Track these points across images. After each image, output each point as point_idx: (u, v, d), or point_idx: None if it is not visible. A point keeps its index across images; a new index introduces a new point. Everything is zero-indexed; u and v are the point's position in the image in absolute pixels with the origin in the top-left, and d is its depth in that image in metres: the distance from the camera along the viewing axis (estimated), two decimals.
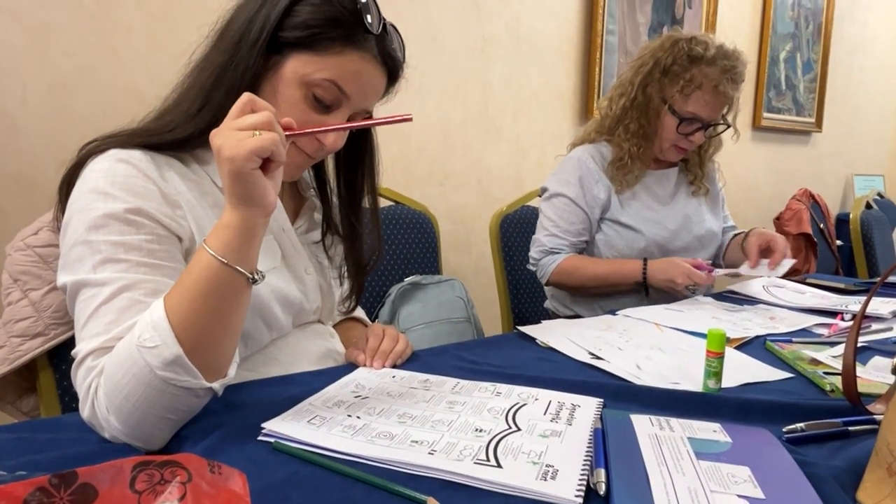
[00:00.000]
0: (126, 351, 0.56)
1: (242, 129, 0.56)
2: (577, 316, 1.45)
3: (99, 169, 0.66)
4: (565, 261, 1.39)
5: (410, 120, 0.64)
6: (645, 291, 1.35)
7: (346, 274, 0.90)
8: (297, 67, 0.70)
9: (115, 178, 0.65)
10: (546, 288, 1.59)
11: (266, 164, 0.58)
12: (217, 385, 0.59)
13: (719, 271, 1.28)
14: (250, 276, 0.59)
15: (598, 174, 1.41)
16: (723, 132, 1.42)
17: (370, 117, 0.82)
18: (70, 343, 0.75)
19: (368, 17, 0.70)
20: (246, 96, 0.59)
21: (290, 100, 0.71)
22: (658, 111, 1.35)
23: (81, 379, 0.59)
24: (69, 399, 0.86)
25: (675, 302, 1.27)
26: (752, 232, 1.37)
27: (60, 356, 0.84)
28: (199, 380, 0.57)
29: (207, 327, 0.57)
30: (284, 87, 0.70)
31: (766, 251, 1.31)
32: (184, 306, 0.56)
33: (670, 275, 1.27)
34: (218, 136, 0.57)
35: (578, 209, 1.40)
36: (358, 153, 0.85)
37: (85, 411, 0.58)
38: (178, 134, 0.70)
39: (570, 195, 1.40)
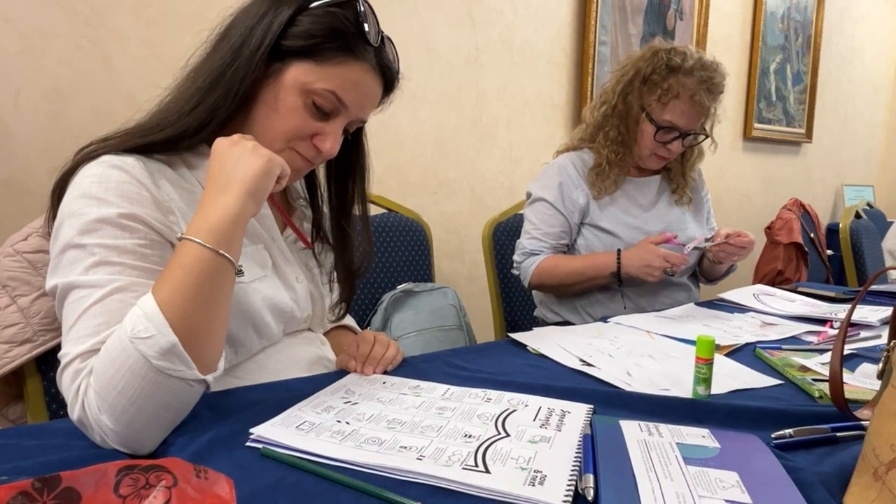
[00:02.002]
0: (118, 346, 0.56)
1: None
2: (565, 320, 1.46)
3: (92, 174, 0.66)
4: (544, 261, 1.41)
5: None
6: (618, 282, 1.35)
7: (336, 279, 0.90)
8: (298, 75, 0.71)
9: (109, 183, 0.65)
10: (534, 295, 1.60)
11: None
12: (210, 378, 0.59)
13: (689, 246, 1.31)
14: (239, 266, 0.64)
15: (577, 180, 1.44)
16: (701, 142, 1.44)
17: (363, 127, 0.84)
18: (59, 349, 0.75)
19: (368, 28, 0.71)
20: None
21: (290, 106, 0.72)
22: (637, 119, 1.38)
23: (69, 381, 0.58)
24: (56, 406, 0.85)
25: (667, 310, 1.28)
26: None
27: (49, 363, 0.83)
28: (192, 370, 0.57)
29: (201, 317, 0.58)
30: (285, 93, 0.72)
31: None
32: (177, 297, 0.57)
33: (645, 260, 1.28)
34: (247, 140, 0.67)
35: (558, 213, 1.43)
36: (349, 161, 0.86)
37: (74, 413, 0.57)
38: (169, 133, 0.70)
39: (550, 200, 1.43)
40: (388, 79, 0.78)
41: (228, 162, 0.64)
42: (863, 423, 0.64)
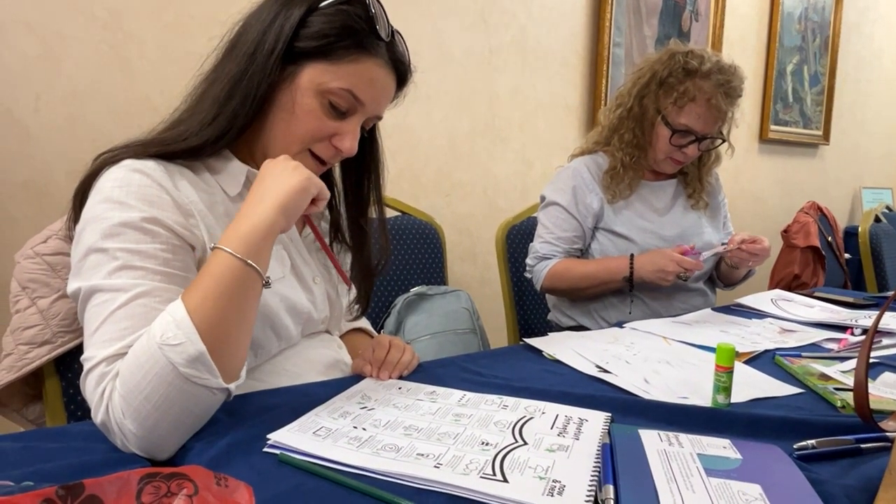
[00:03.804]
0: (146, 351, 0.56)
1: None
2: (578, 325, 1.45)
3: (114, 178, 0.66)
4: (557, 264, 1.40)
5: None
6: (630, 286, 1.34)
7: (353, 278, 0.90)
8: (313, 77, 0.71)
9: (130, 187, 0.66)
10: (547, 299, 1.59)
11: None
12: (232, 386, 0.60)
13: (706, 254, 1.29)
14: (267, 278, 0.64)
15: (591, 184, 1.43)
16: (718, 146, 1.42)
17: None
18: (77, 351, 0.75)
19: (379, 23, 0.72)
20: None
21: (307, 108, 0.72)
22: (653, 122, 1.36)
23: (94, 384, 0.58)
24: (75, 407, 0.86)
25: (683, 315, 1.26)
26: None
27: (67, 364, 0.84)
28: (217, 379, 0.57)
29: (229, 327, 0.59)
30: (301, 96, 0.72)
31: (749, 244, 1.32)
32: (207, 306, 0.58)
33: (659, 265, 1.27)
34: (291, 161, 0.68)
35: (571, 218, 1.42)
36: (364, 158, 0.86)
37: (98, 416, 0.58)
38: (192, 143, 0.71)
39: (564, 204, 1.42)
40: (401, 72, 0.78)
41: (269, 178, 0.66)
42: (888, 434, 0.62)
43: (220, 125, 0.70)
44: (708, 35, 2.67)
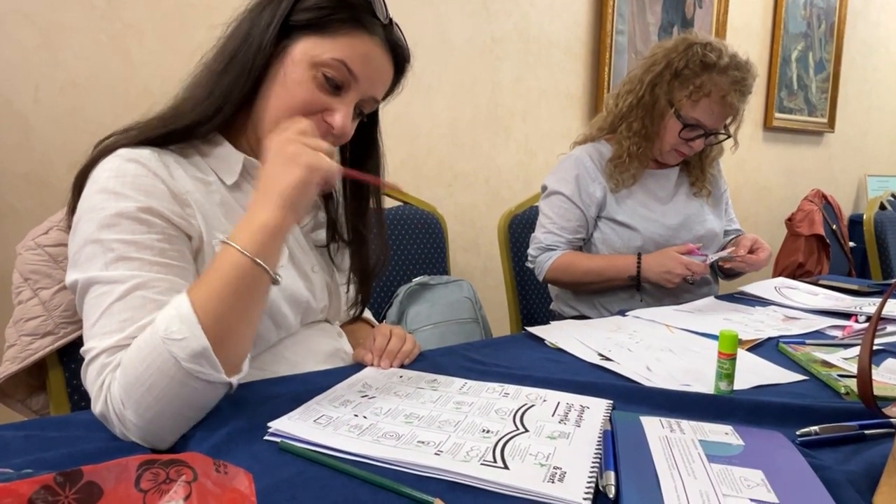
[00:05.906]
0: (149, 344, 0.56)
1: (315, 148, 0.63)
2: (582, 315, 1.44)
3: (109, 169, 0.66)
4: (561, 257, 1.39)
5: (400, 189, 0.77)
6: (637, 286, 1.33)
7: (352, 281, 0.90)
8: (306, 49, 0.71)
9: (126, 177, 0.65)
10: (550, 289, 1.59)
11: None
12: (234, 380, 0.60)
13: (712, 257, 1.29)
14: (275, 275, 0.62)
15: (594, 173, 1.41)
16: (722, 141, 1.42)
17: (377, 110, 0.83)
18: (80, 342, 0.75)
19: (376, 5, 0.72)
20: (306, 122, 0.66)
21: (298, 80, 0.71)
22: (663, 113, 1.34)
23: (94, 376, 0.59)
24: (78, 397, 0.86)
25: (687, 304, 1.26)
26: (745, 235, 1.40)
27: (70, 355, 0.84)
28: (220, 373, 0.57)
29: (234, 323, 0.59)
30: (293, 67, 0.71)
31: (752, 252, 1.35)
32: (212, 301, 0.57)
33: (667, 267, 1.27)
34: (292, 144, 0.63)
35: (575, 207, 1.41)
36: (363, 157, 0.85)
37: (97, 407, 0.58)
38: (189, 119, 0.71)
39: (567, 193, 1.41)
40: (399, 57, 0.77)
41: (274, 168, 0.63)
42: (891, 420, 0.62)
43: (216, 101, 0.70)
44: (712, 22, 2.64)
